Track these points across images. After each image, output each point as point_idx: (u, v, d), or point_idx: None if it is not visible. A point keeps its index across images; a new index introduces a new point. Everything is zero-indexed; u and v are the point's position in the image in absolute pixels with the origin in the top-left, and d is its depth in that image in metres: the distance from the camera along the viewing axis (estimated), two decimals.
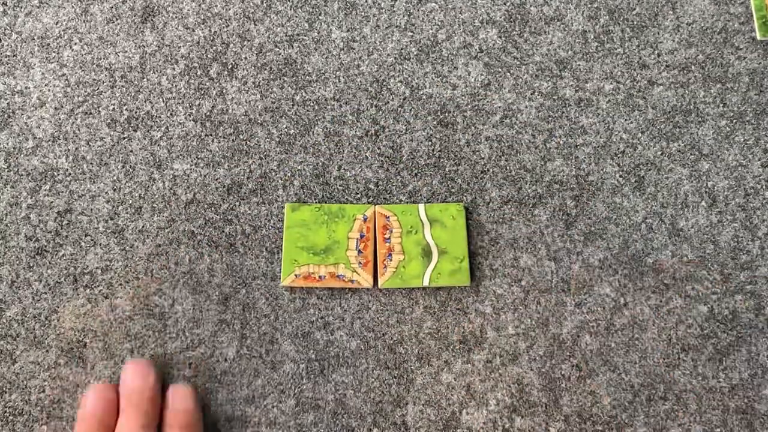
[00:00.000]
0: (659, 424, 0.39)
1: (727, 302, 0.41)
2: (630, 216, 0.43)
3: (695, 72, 0.46)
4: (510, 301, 0.41)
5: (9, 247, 0.42)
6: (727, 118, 0.45)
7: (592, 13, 0.47)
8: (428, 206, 0.42)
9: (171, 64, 0.46)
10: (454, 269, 0.41)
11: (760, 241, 0.43)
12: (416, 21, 0.47)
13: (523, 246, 0.42)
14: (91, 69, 0.46)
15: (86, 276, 0.42)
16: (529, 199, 0.43)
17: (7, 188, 0.43)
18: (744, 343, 0.41)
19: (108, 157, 0.44)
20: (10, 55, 0.46)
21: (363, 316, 0.41)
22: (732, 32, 0.47)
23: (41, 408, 0.39)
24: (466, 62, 0.46)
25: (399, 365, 0.40)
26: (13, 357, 0.40)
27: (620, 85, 0.46)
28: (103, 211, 0.43)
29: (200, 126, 0.45)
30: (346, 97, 0.45)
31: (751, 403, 0.40)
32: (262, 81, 0.46)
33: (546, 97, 0.45)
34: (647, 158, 0.44)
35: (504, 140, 0.45)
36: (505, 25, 0.47)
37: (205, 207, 0.43)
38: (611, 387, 0.40)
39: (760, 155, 0.44)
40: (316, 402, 0.40)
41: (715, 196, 0.43)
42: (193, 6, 0.47)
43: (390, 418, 0.39)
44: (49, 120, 0.45)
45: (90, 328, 0.41)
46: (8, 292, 0.41)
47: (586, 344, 0.41)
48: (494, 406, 0.40)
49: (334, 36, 0.47)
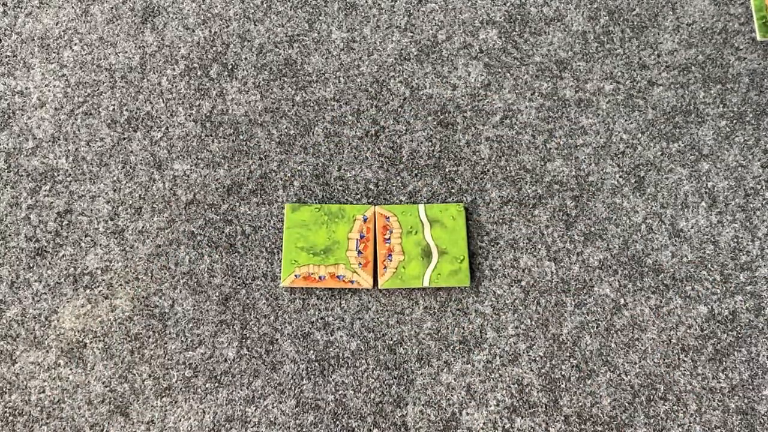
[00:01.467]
0: (659, 424, 0.39)
1: (727, 302, 0.41)
2: (630, 216, 0.43)
3: (695, 72, 0.46)
4: (510, 301, 0.41)
5: (9, 248, 0.42)
6: (727, 118, 0.45)
7: (592, 14, 0.47)
8: (428, 206, 0.42)
9: (171, 65, 0.46)
10: (454, 270, 0.41)
11: (760, 242, 0.43)
12: (416, 21, 0.47)
13: (523, 246, 0.42)
14: (91, 69, 0.46)
15: (86, 276, 0.42)
16: (529, 200, 0.43)
17: (7, 189, 0.43)
18: (744, 344, 0.41)
19: (108, 158, 0.44)
20: (11, 56, 0.46)
21: (363, 317, 0.41)
22: (732, 33, 0.47)
23: (41, 408, 0.39)
24: (466, 63, 0.46)
25: (399, 365, 0.40)
26: (13, 357, 0.40)
27: (620, 85, 0.46)
28: (103, 212, 0.43)
29: (200, 126, 0.45)
30: (346, 97, 0.45)
31: (751, 404, 0.40)
32: (262, 81, 0.46)
33: (546, 98, 0.45)
34: (647, 158, 0.44)
35: (504, 141, 0.45)
36: (505, 25, 0.47)
37: (205, 207, 0.43)
38: (611, 387, 0.40)
39: (760, 156, 0.44)
40: (316, 402, 0.40)
41: (715, 197, 0.43)
42: (193, 6, 0.47)
43: (390, 419, 0.39)
44: (49, 120, 0.45)
45: (90, 329, 0.41)
46: (8, 292, 0.41)
47: (586, 344, 0.41)
48: (494, 407, 0.40)
49: (334, 36, 0.47)
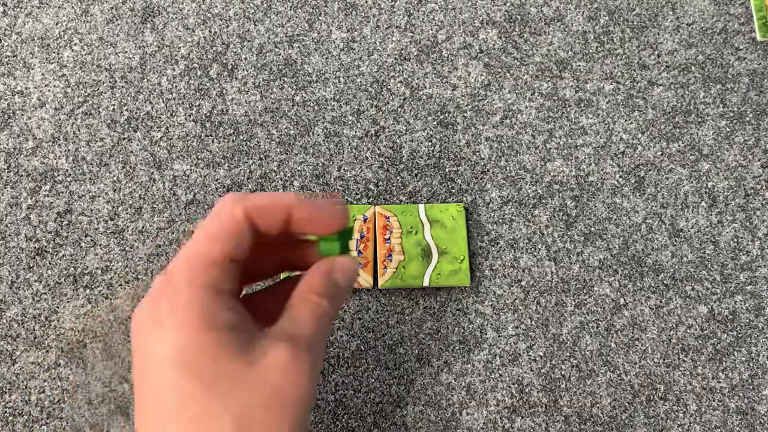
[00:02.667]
0: (659, 424, 0.39)
1: (727, 302, 0.41)
2: (630, 216, 0.43)
3: (695, 72, 0.46)
4: (510, 301, 0.41)
5: (9, 248, 0.42)
6: (727, 118, 0.45)
7: (592, 14, 0.47)
8: (428, 206, 0.42)
9: (171, 65, 0.46)
10: (454, 270, 0.41)
11: (760, 242, 0.43)
12: (416, 21, 0.47)
13: (523, 246, 0.42)
14: (91, 69, 0.46)
15: (86, 276, 0.42)
16: (529, 200, 0.43)
17: (7, 189, 0.43)
18: (744, 344, 0.41)
19: (108, 158, 0.44)
20: (10, 56, 0.46)
21: (363, 317, 0.41)
22: (732, 33, 0.47)
23: (41, 408, 0.39)
24: (466, 63, 0.46)
25: (399, 365, 0.40)
26: (13, 357, 0.40)
27: (620, 85, 0.46)
28: (103, 212, 0.43)
29: (200, 126, 0.45)
30: (346, 97, 0.45)
31: (751, 404, 0.40)
32: (262, 81, 0.46)
33: (546, 98, 0.45)
34: (647, 159, 0.44)
35: (504, 141, 0.45)
36: (505, 25, 0.47)
37: (206, 207, 0.43)
38: (611, 387, 0.40)
39: (760, 156, 0.44)
40: (316, 402, 0.40)
41: (715, 197, 0.43)
42: (193, 6, 0.47)
43: (390, 418, 0.39)
44: (49, 120, 0.45)
45: (90, 329, 0.41)
46: (8, 292, 0.41)
47: (586, 344, 0.41)
48: (494, 407, 0.40)
49: (334, 36, 0.47)
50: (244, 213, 0.27)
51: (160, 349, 0.25)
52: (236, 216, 0.27)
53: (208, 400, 0.24)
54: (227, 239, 0.27)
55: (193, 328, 0.25)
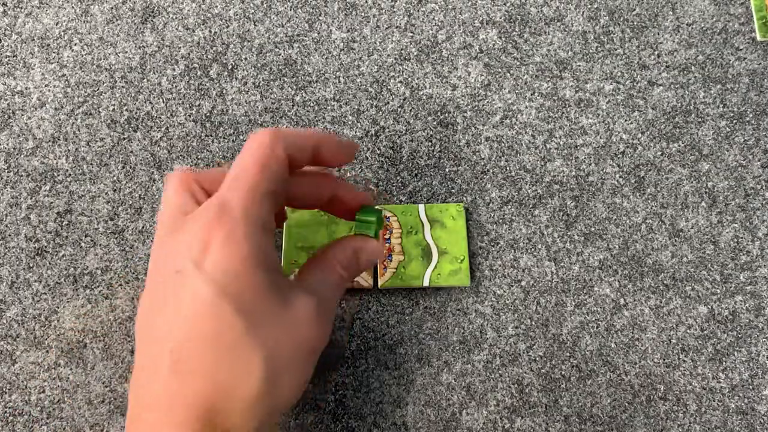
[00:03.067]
0: (659, 424, 0.39)
1: (727, 302, 0.41)
2: (630, 216, 0.43)
3: (695, 72, 0.46)
4: (510, 301, 0.41)
5: (9, 248, 0.42)
6: (727, 118, 0.45)
7: (592, 14, 0.47)
8: (428, 206, 0.42)
9: (171, 65, 0.46)
10: (454, 270, 0.41)
11: (760, 242, 0.43)
12: (416, 21, 0.47)
13: (523, 246, 0.42)
14: (91, 69, 0.46)
15: (86, 276, 0.42)
16: (529, 200, 0.43)
17: (7, 189, 0.43)
18: (744, 344, 0.41)
19: (108, 158, 0.44)
20: (10, 56, 0.46)
21: (363, 317, 0.41)
22: (732, 33, 0.47)
23: (41, 408, 0.39)
24: (466, 63, 0.46)
25: (399, 365, 0.40)
26: (13, 357, 0.40)
27: (620, 85, 0.46)
28: (103, 212, 0.43)
29: (200, 126, 0.45)
30: (346, 97, 0.45)
31: (751, 404, 0.40)
32: (262, 81, 0.46)
33: (546, 98, 0.45)
34: (647, 159, 0.44)
35: (504, 141, 0.45)
36: (505, 25, 0.47)
37: None
38: (611, 387, 0.40)
39: (760, 156, 0.44)
40: (316, 402, 0.40)
41: (715, 197, 0.43)
42: (193, 6, 0.47)
43: (390, 419, 0.39)
44: (49, 120, 0.45)
45: (90, 329, 0.41)
46: (8, 292, 0.41)
47: (586, 344, 0.41)
48: (494, 407, 0.40)
49: (334, 36, 0.47)
50: (285, 150, 0.28)
51: (202, 274, 0.25)
52: (278, 153, 0.28)
53: (246, 331, 0.25)
54: (271, 176, 0.28)
55: (248, 263, 0.26)
